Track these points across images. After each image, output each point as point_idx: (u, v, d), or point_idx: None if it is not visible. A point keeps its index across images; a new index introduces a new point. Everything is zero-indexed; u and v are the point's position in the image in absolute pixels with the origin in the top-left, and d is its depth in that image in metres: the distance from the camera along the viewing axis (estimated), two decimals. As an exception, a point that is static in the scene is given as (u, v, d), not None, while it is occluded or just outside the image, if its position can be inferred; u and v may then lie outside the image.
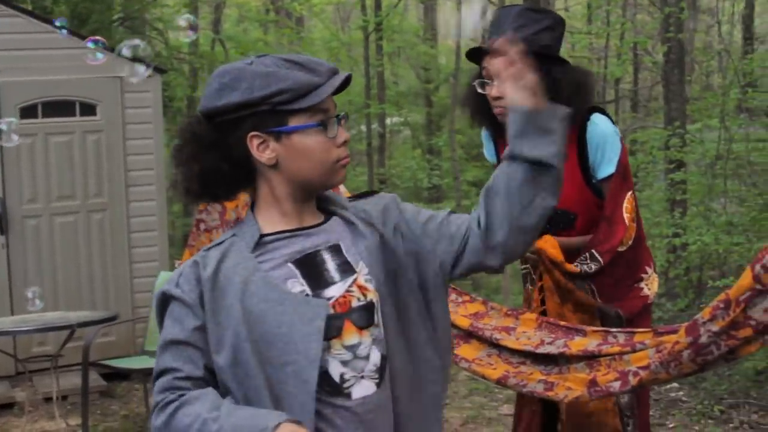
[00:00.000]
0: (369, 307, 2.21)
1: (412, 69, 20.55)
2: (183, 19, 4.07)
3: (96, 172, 8.05)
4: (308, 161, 2.22)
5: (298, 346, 2.11)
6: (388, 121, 18.05)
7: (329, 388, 2.16)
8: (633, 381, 3.14)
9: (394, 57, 19.73)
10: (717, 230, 8.04)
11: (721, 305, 2.91)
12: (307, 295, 2.17)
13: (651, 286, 3.74)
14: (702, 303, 8.72)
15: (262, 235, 2.25)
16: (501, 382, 3.49)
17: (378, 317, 2.22)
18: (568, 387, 3.30)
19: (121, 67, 3.41)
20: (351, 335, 2.18)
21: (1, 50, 7.72)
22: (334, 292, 2.20)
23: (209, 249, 2.25)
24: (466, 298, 3.88)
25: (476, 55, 3.75)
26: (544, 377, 3.40)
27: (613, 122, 3.76)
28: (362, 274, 2.23)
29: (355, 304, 2.20)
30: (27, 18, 8.00)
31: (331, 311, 2.17)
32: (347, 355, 2.17)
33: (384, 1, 15.98)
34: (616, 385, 3.18)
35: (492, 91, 3.66)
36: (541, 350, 3.47)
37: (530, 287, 3.88)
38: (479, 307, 3.81)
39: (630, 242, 3.65)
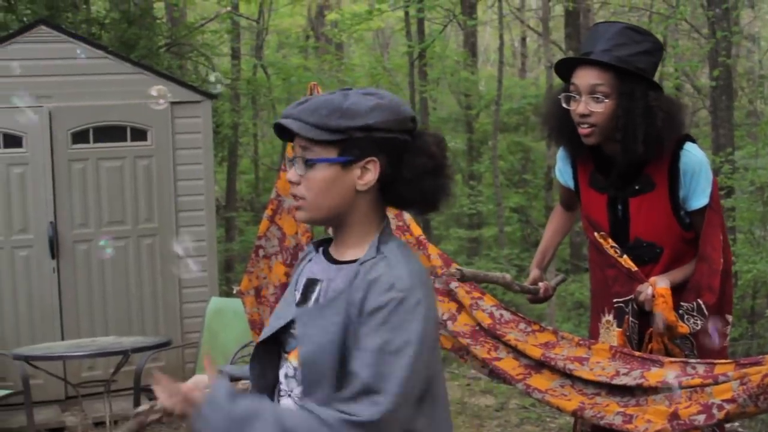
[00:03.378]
0: None
1: (452, 95, 20.53)
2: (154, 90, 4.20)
3: (146, 197, 8.07)
4: None
5: (266, 333, 2.42)
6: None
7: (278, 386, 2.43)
8: (719, 414, 3.06)
9: (433, 83, 19.72)
10: (771, 258, 7.94)
11: (814, 337, 2.83)
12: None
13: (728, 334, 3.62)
14: (755, 332, 8.60)
15: (319, 248, 2.48)
16: (577, 414, 3.41)
17: None
18: (648, 420, 3.22)
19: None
20: (295, 360, 2.36)
21: (53, 76, 7.76)
22: None
23: (313, 244, 2.53)
24: (536, 327, 3.80)
25: (566, 68, 3.62)
26: (621, 409, 3.32)
27: None
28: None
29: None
30: (78, 43, 8.04)
31: (292, 329, 2.36)
32: (290, 371, 2.38)
33: (426, 27, 16.00)
34: (701, 418, 3.10)
35: (578, 107, 3.52)
36: (617, 381, 3.39)
37: (614, 326, 3.67)
38: (550, 337, 3.74)
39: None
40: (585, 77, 3.51)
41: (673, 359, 3.39)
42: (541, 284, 4.00)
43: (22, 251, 7.77)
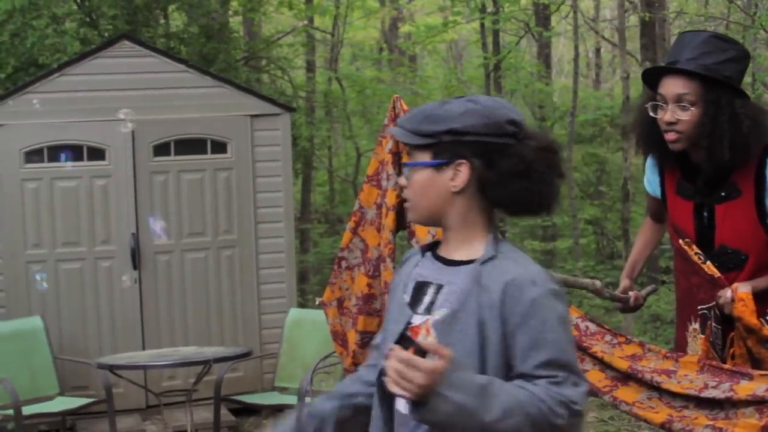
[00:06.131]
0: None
1: (527, 106, 20.44)
2: None
3: (226, 209, 8.16)
4: None
5: (387, 339, 2.49)
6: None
7: None
8: (811, 428, 3.02)
9: (508, 94, 19.63)
10: None
11: None
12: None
13: None
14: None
15: (425, 251, 2.57)
16: (665, 427, 3.38)
17: None
18: (739, 433, 3.19)
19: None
20: None
21: (136, 89, 7.89)
22: (415, 320, 2.46)
23: (420, 248, 2.62)
24: (622, 339, 3.79)
25: (653, 76, 3.65)
26: (711, 422, 3.29)
27: None
28: (433, 318, 2.42)
29: (419, 339, 2.40)
30: (160, 57, 8.18)
31: (408, 332, 2.45)
32: None
33: (501, 38, 15.95)
34: (793, 431, 3.06)
35: (665, 115, 3.56)
36: (705, 394, 3.36)
37: (700, 333, 3.67)
38: (636, 349, 3.71)
39: None
40: (671, 86, 3.55)
41: (763, 372, 3.36)
42: (631, 293, 4.02)
43: (104, 262, 7.91)
